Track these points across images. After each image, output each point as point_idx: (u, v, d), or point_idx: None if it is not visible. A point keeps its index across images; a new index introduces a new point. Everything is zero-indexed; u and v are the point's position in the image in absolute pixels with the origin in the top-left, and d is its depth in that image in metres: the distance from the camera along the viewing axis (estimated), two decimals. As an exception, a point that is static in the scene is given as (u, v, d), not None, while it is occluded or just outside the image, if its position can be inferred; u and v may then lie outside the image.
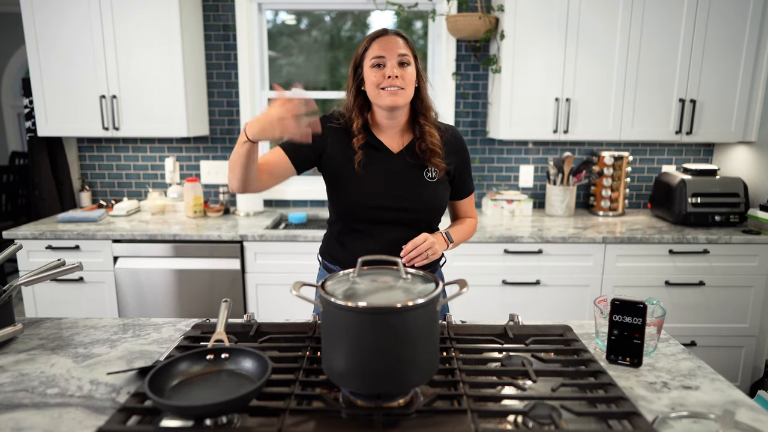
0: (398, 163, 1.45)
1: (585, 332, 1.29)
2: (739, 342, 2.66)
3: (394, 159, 1.46)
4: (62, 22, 2.70)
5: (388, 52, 1.37)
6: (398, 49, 1.37)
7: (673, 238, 2.53)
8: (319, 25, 3.22)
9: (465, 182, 1.56)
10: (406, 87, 1.38)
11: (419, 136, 1.45)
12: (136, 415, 0.90)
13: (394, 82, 1.36)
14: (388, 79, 1.36)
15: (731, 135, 2.79)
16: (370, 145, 1.45)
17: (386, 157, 1.46)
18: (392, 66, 1.37)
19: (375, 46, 1.39)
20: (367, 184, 1.43)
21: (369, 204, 1.42)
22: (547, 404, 0.91)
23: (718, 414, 0.91)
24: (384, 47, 1.38)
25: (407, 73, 1.38)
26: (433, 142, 1.43)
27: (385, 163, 1.45)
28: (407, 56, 1.38)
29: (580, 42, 2.69)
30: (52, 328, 1.33)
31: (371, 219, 1.44)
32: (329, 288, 0.94)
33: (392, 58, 1.37)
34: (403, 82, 1.37)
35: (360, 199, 1.43)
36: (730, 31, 2.68)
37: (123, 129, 2.80)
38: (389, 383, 0.89)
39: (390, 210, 1.43)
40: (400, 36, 1.40)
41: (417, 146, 1.45)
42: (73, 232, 2.56)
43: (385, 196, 1.42)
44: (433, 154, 1.43)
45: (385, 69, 1.37)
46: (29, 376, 1.07)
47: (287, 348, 1.15)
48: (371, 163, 1.44)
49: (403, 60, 1.38)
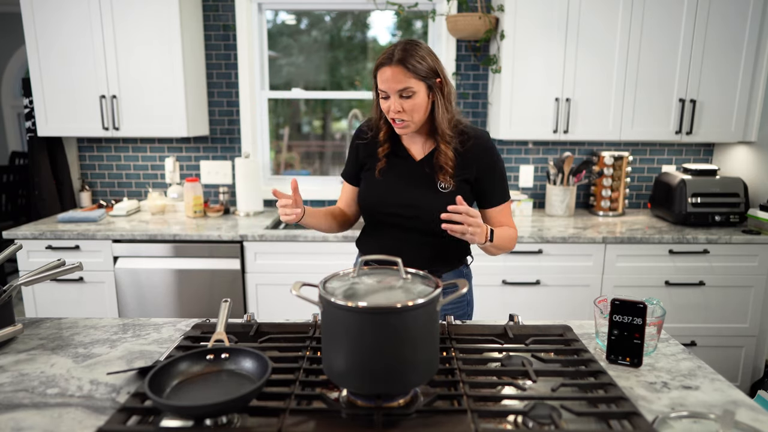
0: (417, 171, 1.49)
1: (585, 332, 1.29)
2: (739, 342, 2.66)
3: (414, 167, 1.50)
4: (62, 22, 2.70)
5: (388, 87, 1.37)
6: (398, 85, 1.35)
7: (673, 238, 2.53)
8: (319, 25, 3.22)
9: (493, 190, 1.51)
10: (411, 119, 1.40)
11: (437, 148, 1.47)
12: (136, 415, 0.90)
13: (398, 116, 1.39)
14: (391, 113, 1.39)
15: (731, 135, 2.80)
16: (394, 153, 1.52)
17: (407, 164, 1.51)
18: (394, 101, 1.37)
19: (380, 75, 1.38)
20: (383, 190, 1.50)
21: (382, 209, 1.51)
22: (547, 404, 0.91)
23: (718, 414, 0.91)
24: (385, 81, 1.37)
25: (412, 105, 1.38)
26: (446, 162, 1.44)
27: (405, 170, 1.50)
28: (409, 89, 1.36)
29: (580, 42, 2.69)
30: (52, 328, 1.33)
31: (385, 222, 1.52)
32: (329, 288, 0.94)
33: (393, 92, 1.37)
34: (408, 115, 1.39)
35: (374, 203, 1.52)
36: (730, 31, 2.68)
37: (123, 129, 2.80)
38: (389, 383, 0.89)
39: (402, 216, 1.49)
40: (402, 65, 1.35)
41: (434, 157, 1.47)
42: (73, 232, 2.56)
43: (397, 203, 1.48)
44: (443, 171, 1.45)
45: (389, 102, 1.39)
46: (29, 376, 1.07)
47: (287, 348, 1.15)
48: (391, 170, 1.51)
49: (404, 94, 1.36)
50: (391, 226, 1.52)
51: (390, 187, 1.50)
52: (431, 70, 1.38)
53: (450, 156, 1.44)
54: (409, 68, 1.35)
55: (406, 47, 1.36)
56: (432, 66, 1.38)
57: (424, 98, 1.39)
